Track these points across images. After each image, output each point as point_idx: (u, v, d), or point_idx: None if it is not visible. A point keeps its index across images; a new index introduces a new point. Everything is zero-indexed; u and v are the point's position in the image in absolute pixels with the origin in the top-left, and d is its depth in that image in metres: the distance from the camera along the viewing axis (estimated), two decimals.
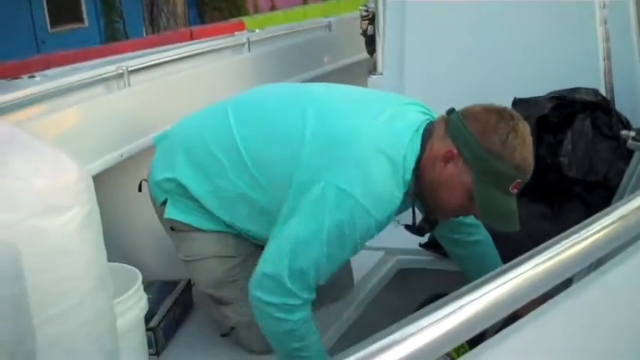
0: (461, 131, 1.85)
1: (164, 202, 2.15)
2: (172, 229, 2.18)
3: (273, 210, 1.95)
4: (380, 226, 1.88)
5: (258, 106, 2.13)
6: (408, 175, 1.86)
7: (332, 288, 2.43)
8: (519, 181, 1.84)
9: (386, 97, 2.12)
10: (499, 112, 1.85)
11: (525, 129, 1.85)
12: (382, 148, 1.85)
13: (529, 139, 1.85)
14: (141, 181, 2.30)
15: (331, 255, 1.85)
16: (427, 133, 1.90)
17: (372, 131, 1.89)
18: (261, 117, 2.07)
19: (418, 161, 1.88)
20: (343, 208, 1.80)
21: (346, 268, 2.47)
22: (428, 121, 1.94)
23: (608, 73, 2.77)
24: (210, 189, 2.07)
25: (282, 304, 1.85)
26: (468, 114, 1.87)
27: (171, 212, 2.14)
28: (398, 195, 1.85)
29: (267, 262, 1.89)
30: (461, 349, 1.25)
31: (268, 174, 1.98)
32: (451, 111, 1.92)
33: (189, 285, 2.47)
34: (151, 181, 2.19)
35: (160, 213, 2.19)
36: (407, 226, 2.04)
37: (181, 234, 2.16)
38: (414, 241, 2.46)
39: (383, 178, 1.83)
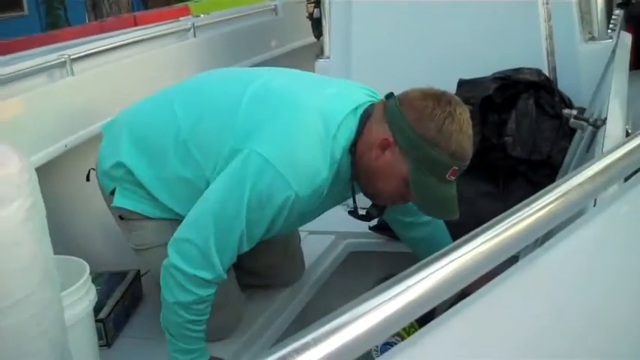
0: (397, 118, 1.81)
1: (113, 192, 2.13)
2: (121, 217, 2.15)
3: None
4: (302, 202, 1.82)
5: (203, 87, 2.13)
6: (338, 155, 1.84)
7: (283, 273, 2.45)
8: (456, 168, 1.80)
9: (335, 80, 2.12)
10: (436, 97, 1.81)
11: (463, 114, 1.80)
12: (312, 123, 1.83)
13: (467, 125, 1.80)
14: (89, 170, 2.27)
15: (251, 227, 1.83)
16: (365, 115, 1.87)
17: (308, 101, 1.88)
18: (204, 96, 2.07)
19: (354, 143, 1.86)
20: (263, 178, 1.78)
21: (297, 255, 2.49)
22: (369, 104, 1.91)
23: (551, 53, 2.82)
24: (154, 173, 2.05)
25: (195, 277, 1.83)
26: (405, 99, 1.83)
27: (119, 200, 2.12)
28: (324, 173, 1.82)
29: (192, 229, 1.86)
30: (411, 329, 1.27)
31: (205, 151, 1.96)
32: (389, 95, 1.88)
33: (138, 275, 2.45)
34: (99, 170, 2.17)
35: (109, 202, 2.17)
36: (350, 212, 2.02)
37: (130, 222, 2.14)
38: (363, 224, 2.46)
39: (308, 153, 1.81)
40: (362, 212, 2.02)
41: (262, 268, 2.36)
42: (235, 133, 1.88)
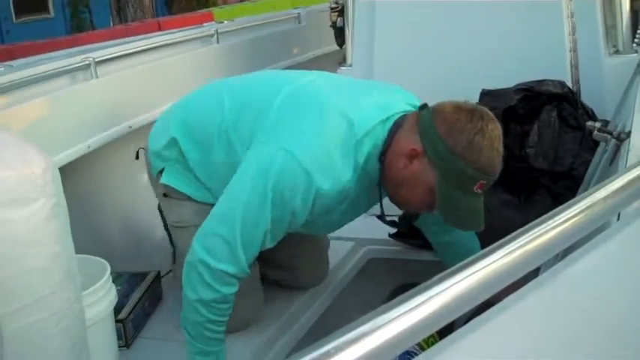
0: (428, 129, 1.82)
1: (161, 171, 2.21)
2: (165, 195, 2.22)
3: None
4: (325, 200, 1.85)
5: (249, 82, 2.19)
6: (361, 160, 1.85)
7: (305, 272, 2.46)
8: (484, 182, 1.81)
9: (380, 86, 2.14)
10: (469, 112, 1.82)
11: (495, 130, 1.82)
12: (337, 125, 1.85)
13: (498, 141, 1.82)
14: (138, 150, 2.34)
15: (275, 223, 1.85)
16: (396, 126, 1.89)
17: (338, 105, 1.90)
18: (248, 91, 2.12)
19: (384, 152, 1.87)
20: (287, 172, 1.81)
21: (322, 258, 2.51)
22: (402, 114, 1.92)
23: (575, 66, 2.81)
24: (200, 157, 2.12)
25: (220, 271, 1.86)
26: (438, 111, 1.84)
27: (167, 178, 2.19)
28: (347, 174, 1.84)
29: (219, 224, 1.89)
30: (430, 339, 1.26)
31: (241, 141, 2.00)
32: (424, 106, 1.91)
33: (158, 276, 2.46)
34: (151, 150, 2.23)
35: (155, 181, 2.24)
36: (379, 217, 2.04)
37: (173, 200, 2.21)
38: (383, 231, 2.48)
39: (331, 152, 1.83)
40: (390, 218, 2.04)
41: (285, 258, 2.37)
42: (265, 129, 1.92)
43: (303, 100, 1.97)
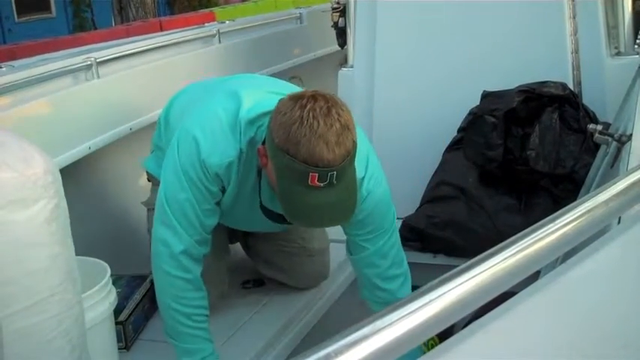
0: (269, 123, 1.74)
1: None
2: (148, 179, 2.34)
3: None
4: (204, 174, 1.85)
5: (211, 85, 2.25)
6: (244, 144, 1.85)
7: (304, 277, 2.46)
8: (314, 174, 1.65)
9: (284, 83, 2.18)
10: (295, 100, 1.68)
11: (320, 117, 1.64)
12: (230, 107, 1.88)
13: (324, 127, 1.63)
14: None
15: (198, 198, 1.88)
16: None
17: (237, 90, 1.93)
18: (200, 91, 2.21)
19: (263, 142, 1.82)
20: (184, 144, 1.87)
21: (323, 258, 2.50)
22: None
23: (576, 67, 2.81)
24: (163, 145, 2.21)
25: (174, 254, 1.89)
26: (278, 103, 1.74)
27: (147, 164, 2.32)
28: (232, 152, 1.84)
29: (157, 209, 1.95)
30: (430, 342, 1.26)
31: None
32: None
33: None
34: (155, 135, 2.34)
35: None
36: (261, 207, 2.02)
37: (153, 186, 2.29)
38: None
39: (219, 128, 1.86)
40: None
41: (283, 259, 2.40)
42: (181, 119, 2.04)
43: (209, 87, 2.09)
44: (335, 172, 1.65)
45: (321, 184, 1.66)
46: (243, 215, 2.06)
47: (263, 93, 1.92)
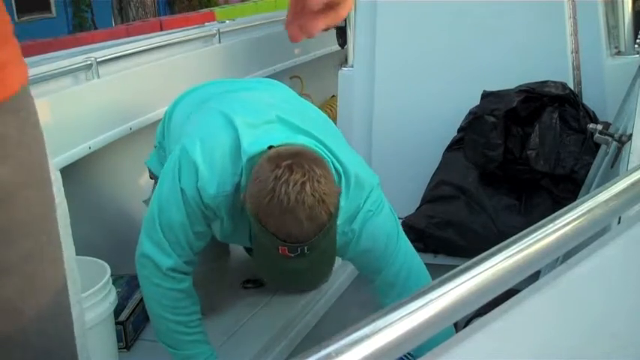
0: (247, 184, 1.72)
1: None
2: (150, 177, 2.35)
3: None
4: (201, 199, 1.81)
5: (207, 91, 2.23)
6: (236, 183, 1.81)
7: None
8: (284, 247, 1.61)
9: (307, 109, 2.12)
10: (274, 166, 1.63)
11: (294, 190, 1.58)
12: (230, 140, 1.83)
13: (295, 203, 1.58)
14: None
15: (192, 220, 1.85)
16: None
17: (242, 121, 1.85)
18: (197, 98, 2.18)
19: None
20: (184, 170, 1.83)
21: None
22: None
23: (577, 67, 2.81)
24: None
25: (163, 268, 1.86)
26: (258, 163, 1.69)
27: (149, 161, 2.34)
28: (228, 187, 1.79)
29: (146, 223, 1.92)
30: None
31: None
32: (270, 147, 1.76)
33: None
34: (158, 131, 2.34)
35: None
36: (246, 249, 2.03)
37: (155, 184, 2.25)
38: None
39: (222, 163, 1.81)
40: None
41: None
42: (177, 136, 2.03)
43: (215, 97, 2.05)
44: (306, 246, 1.62)
45: (292, 255, 1.63)
46: (242, 239, 2.02)
47: (262, 124, 1.87)
